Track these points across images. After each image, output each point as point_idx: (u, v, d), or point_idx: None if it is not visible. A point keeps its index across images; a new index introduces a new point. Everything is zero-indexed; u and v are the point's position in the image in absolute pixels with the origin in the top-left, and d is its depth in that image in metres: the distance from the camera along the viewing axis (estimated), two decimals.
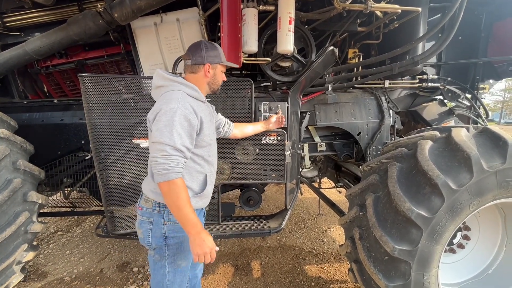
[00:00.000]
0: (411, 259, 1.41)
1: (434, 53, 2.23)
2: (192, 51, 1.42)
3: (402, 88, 2.62)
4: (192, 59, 1.41)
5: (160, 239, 1.35)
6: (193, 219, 1.22)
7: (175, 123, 1.21)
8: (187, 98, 1.31)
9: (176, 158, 1.21)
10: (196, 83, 1.42)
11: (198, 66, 1.42)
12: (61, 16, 2.34)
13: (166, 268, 1.38)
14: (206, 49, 1.42)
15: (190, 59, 1.41)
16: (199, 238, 1.21)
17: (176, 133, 1.21)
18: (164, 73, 1.38)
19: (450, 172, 1.40)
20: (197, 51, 1.41)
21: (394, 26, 2.26)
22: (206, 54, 1.41)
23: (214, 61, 1.45)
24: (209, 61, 1.43)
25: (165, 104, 1.25)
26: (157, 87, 1.39)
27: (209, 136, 1.43)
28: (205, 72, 1.44)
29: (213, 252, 1.24)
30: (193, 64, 1.42)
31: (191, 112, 1.28)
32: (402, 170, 1.56)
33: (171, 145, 1.20)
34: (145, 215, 1.38)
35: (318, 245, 3.16)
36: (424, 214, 1.38)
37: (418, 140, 1.62)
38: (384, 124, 2.41)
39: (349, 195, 1.88)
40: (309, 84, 2.22)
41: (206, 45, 1.44)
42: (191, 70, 1.43)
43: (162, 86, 1.37)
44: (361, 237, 1.64)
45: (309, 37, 2.16)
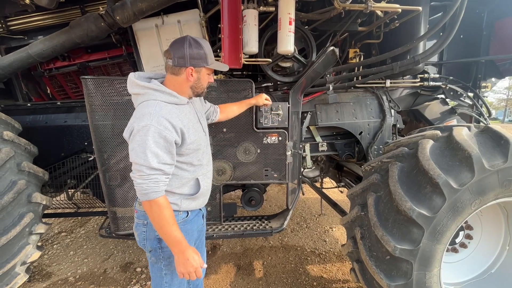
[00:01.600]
0: (412, 258, 1.42)
1: (435, 52, 2.22)
2: (174, 49, 1.24)
3: (403, 88, 2.61)
4: (174, 60, 1.24)
5: (155, 242, 1.33)
6: (176, 236, 1.19)
7: (148, 143, 1.14)
8: (162, 110, 1.19)
9: (155, 177, 1.17)
10: (176, 87, 1.30)
11: (180, 68, 1.26)
12: (64, 19, 2.37)
13: (163, 270, 1.37)
14: (190, 49, 1.24)
15: (171, 58, 1.24)
16: (182, 257, 1.19)
17: (150, 153, 1.15)
18: (137, 79, 1.26)
19: (451, 172, 1.40)
20: (179, 51, 1.23)
21: (394, 26, 2.26)
22: (190, 55, 1.23)
23: (198, 64, 1.28)
24: (192, 65, 1.26)
25: (137, 122, 1.17)
26: (133, 94, 1.29)
27: (195, 142, 1.33)
28: (187, 76, 1.28)
29: (199, 270, 1.21)
30: (174, 66, 1.25)
31: (166, 127, 1.18)
32: (403, 169, 1.56)
33: (146, 165, 1.15)
34: (140, 217, 1.36)
35: (320, 245, 3.16)
36: (425, 213, 1.38)
37: (419, 140, 1.62)
38: (386, 124, 2.41)
39: (351, 194, 1.88)
40: (310, 84, 2.23)
41: (191, 43, 1.24)
42: (171, 71, 1.28)
43: (137, 94, 1.27)
44: (363, 236, 1.64)
45: (309, 38, 2.17)
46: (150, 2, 1.96)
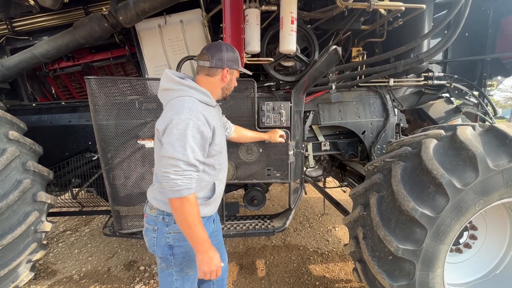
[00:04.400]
0: (415, 258, 1.40)
1: (440, 50, 2.19)
2: (211, 52, 1.32)
3: (407, 86, 2.58)
4: (211, 61, 1.31)
5: (165, 248, 1.32)
6: (203, 236, 1.18)
7: (188, 136, 1.15)
8: (198, 107, 1.23)
9: (190, 174, 1.16)
10: (209, 87, 1.35)
11: (216, 69, 1.33)
12: (68, 20, 2.40)
13: (173, 276, 1.34)
14: (227, 52, 1.34)
15: (209, 60, 1.31)
16: (207, 256, 1.19)
17: (189, 147, 1.15)
18: (173, 74, 1.29)
19: (455, 171, 1.38)
20: (217, 54, 1.32)
21: (398, 24, 2.24)
22: (227, 58, 1.33)
23: (233, 66, 1.37)
24: (228, 66, 1.35)
25: (177, 115, 1.16)
26: (165, 89, 1.30)
27: (219, 144, 1.36)
28: (222, 77, 1.36)
29: (219, 269, 1.23)
30: (211, 67, 1.32)
31: (204, 123, 1.21)
32: (406, 169, 1.55)
33: (184, 160, 1.14)
34: (150, 222, 1.35)
35: (323, 245, 3.15)
36: (429, 213, 1.37)
37: (423, 139, 1.61)
38: (389, 123, 2.39)
39: (353, 194, 1.87)
40: (313, 83, 2.22)
41: (227, 48, 1.35)
42: (207, 72, 1.34)
43: (170, 90, 1.28)
44: (365, 236, 1.64)
45: (312, 37, 2.16)
46: (153, 2, 1.97)
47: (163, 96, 1.32)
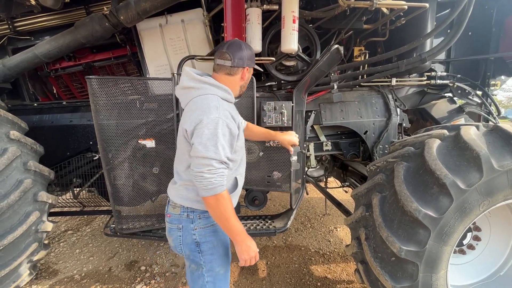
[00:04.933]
0: (418, 260, 1.39)
1: (443, 50, 2.17)
2: (232, 51, 1.32)
3: (409, 86, 2.57)
4: (233, 61, 1.32)
5: (192, 245, 1.33)
6: (239, 227, 1.23)
7: (218, 135, 1.17)
8: (224, 104, 1.26)
9: (222, 171, 1.18)
10: (229, 86, 1.35)
11: (238, 68, 1.34)
12: (69, 20, 2.40)
13: (204, 278, 1.34)
14: (247, 51, 1.35)
15: (231, 60, 1.31)
16: (245, 245, 1.24)
17: (220, 145, 1.17)
18: (194, 72, 1.30)
19: (459, 172, 1.36)
20: (238, 53, 1.32)
21: (400, 23, 2.22)
22: (247, 56, 1.35)
23: (251, 64, 1.40)
24: (248, 65, 1.37)
25: (205, 115, 1.18)
26: (186, 88, 1.31)
27: (242, 139, 1.41)
28: (242, 76, 1.38)
29: (257, 254, 1.29)
30: (233, 66, 1.32)
31: (231, 120, 1.24)
32: (409, 169, 1.54)
33: (217, 159, 1.16)
34: (173, 222, 1.35)
35: (324, 245, 3.14)
36: (432, 214, 1.35)
37: (426, 139, 1.59)
38: (391, 123, 2.37)
39: (355, 194, 1.86)
40: (314, 83, 2.20)
41: (246, 46, 1.38)
42: (228, 71, 1.34)
43: (191, 88, 1.29)
44: (367, 237, 1.62)
45: (313, 36, 2.14)
46: (154, 1, 1.97)
47: (183, 94, 1.33)
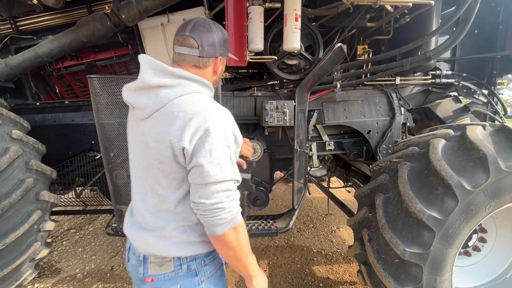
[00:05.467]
0: (422, 262, 1.36)
1: (448, 48, 2.14)
2: (199, 36, 0.95)
3: (414, 85, 2.53)
4: (202, 49, 0.96)
5: None
6: (254, 259, 1.01)
7: (231, 147, 0.91)
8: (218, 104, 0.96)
9: (236, 193, 0.93)
10: None
11: (208, 59, 0.99)
12: (71, 19, 2.39)
13: None
14: (219, 34, 1.00)
15: (198, 47, 0.95)
16: (262, 278, 1.02)
17: (233, 160, 0.92)
18: (165, 65, 0.92)
19: (464, 172, 1.34)
20: (207, 37, 0.97)
21: (405, 21, 2.19)
22: (219, 42, 1.00)
23: (225, 53, 1.05)
24: (221, 54, 1.03)
25: (210, 121, 0.86)
26: (154, 87, 0.90)
27: None
28: (215, 68, 1.03)
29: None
30: (202, 56, 0.97)
31: (235, 124, 0.97)
32: (413, 170, 1.51)
33: (234, 179, 0.91)
34: (164, 285, 0.96)
35: (327, 245, 3.11)
36: (437, 216, 1.32)
37: (431, 139, 1.56)
38: (395, 122, 2.34)
39: (358, 195, 1.83)
40: (317, 82, 2.18)
41: (217, 27, 1.01)
42: (195, 63, 0.97)
43: (164, 86, 0.90)
44: (370, 238, 1.60)
45: (316, 34, 2.12)
46: (155, 0, 1.95)
47: (149, 96, 0.91)
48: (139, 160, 0.99)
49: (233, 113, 2.14)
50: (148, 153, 0.93)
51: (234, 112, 2.11)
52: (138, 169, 1.01)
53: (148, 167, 0.95)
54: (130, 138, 1.05)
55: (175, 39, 0.99)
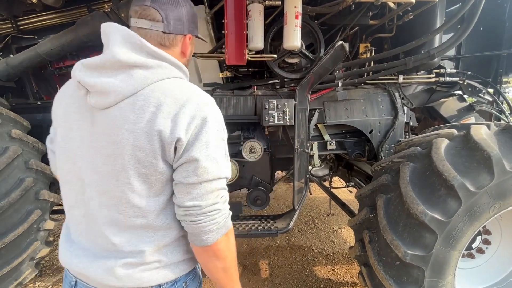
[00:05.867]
0: (424, 265, 1.33)
1: (452, 46, 2.10)
2: (163, 7, 0.78)
3: (417, 84, 2.49)
4: (167, 23, 0.79)
5: None
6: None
7: (225, 139, 0.81)
8: None
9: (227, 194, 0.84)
10: None
11: (176, 37, 0.83)
12: (72, 18, 2.39)
13: None
14: (187, 7, 0.84)
15: (163, 21, 0.78)
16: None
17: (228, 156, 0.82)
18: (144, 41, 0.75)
19: (468, 173, 1.30)
20: (174, 10, 0.80)
21: (408, 18, 2.14)
22: (188, 16, 0.84)
23: (195, 30, 0.90)
24: (191, 31, 0.87)
25: (206, 109, 0.75)
26: (126, 66, 0.72)
27: None
28: (184, 49, 0.87)
29: None
30: (168, 32, 0.80)
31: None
32: (415, 170, 1.48)
33: (228, 176, 0.80)
34: None
35: (328, 246, 3.09)
36: (439, 217, 1.29)
37: (433, 139, 1.53)
38: (398, 122, 2.30)
39: (359, 195, 1.81)
40: (318, 80, 2.15)
41: (186, 1, 0.86)
42: (160, 40, 0.80)
43: (142, 67, 0.73)
44: (371, 240, 1.57)
45: (317, 32, 2.09)
46: None
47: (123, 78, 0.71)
48: (91, 166, 0.75)
49: (233, 112, 2.15)
50: (115, 153, 0.72)
51: (234, 112, 2.10)
52: (88, 178, 0.76)
53: (114, 171, 0.73)
54: (67, 136, 0.79)
55: (131, 10, 0.80)
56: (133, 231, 0.77)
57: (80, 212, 0.80)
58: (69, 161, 0.80)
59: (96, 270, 0.77)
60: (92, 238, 0.80)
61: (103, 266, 0.76)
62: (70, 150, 0.79)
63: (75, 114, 0.78)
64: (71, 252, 0.82)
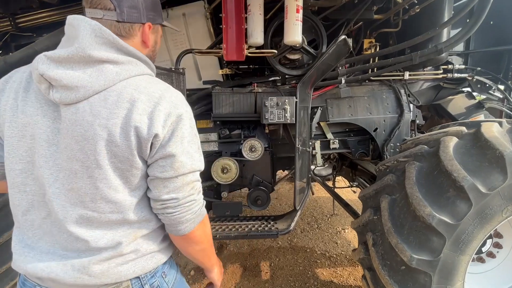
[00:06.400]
0: (431, 270, 1.26)
1: (461, 40, 2.01)
2: None
3: (424, 80, 2.40)
4: (120, 11, 0.74)
5: None
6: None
7: (197, 135, 0.84)
8: None
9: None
10: None
11: (132, 26, 0.79)
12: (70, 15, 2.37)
13: None
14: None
15: (115, 9, 0.74)
16: (220, 265, 1.06)
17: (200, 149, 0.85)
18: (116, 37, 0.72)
19: (479, 173, 1.23)
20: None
21: (414, 12, 2.06)
22: (145, 5, 0.80)
23: (156, 18, 0.85)
24: (150, 18, 0.82)
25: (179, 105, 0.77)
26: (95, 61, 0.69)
27: None
28: (144, 38, 0.83)
29: None
30: (122, 21, 0.76)
31: None
32: (422, 170, 1.40)
33: (201, 168, 0.83)
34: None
35: (331, 247, 3.02)
36: (448, 220, 1.22)
37: (441, 137, 1.45)
38: (404, 120, 2.22)
39: (363, 196, 1.74)
40: (321, 77, 2.08)
41: None
42: (115, 30, 0.76)
43: (109, 63, 0.71)
44: (375, 243, 1.50)
45: (319, 27, 2.02)
46: None
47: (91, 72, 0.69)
48: (54, 163, 0.72)
49: (232, 110, 2.09)
50: (86, 149, 0.70)
51: (234, 109, 2.05)
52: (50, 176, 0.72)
53: (85, 167, 0.71)
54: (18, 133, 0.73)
55: (84, 0, 0.76)
56: (108, 226, 0.77)
57: (39, 214, 0.76)
58: (22, 161, 0.74)
59: (66, 272, 0.74)
60: (57, 239, 0.76)
61: (75, 266, 0.74)
62: (24, 149, 0.73)
63: (32, 109, 0.72)
64: (31, 257, 0.76)
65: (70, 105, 0.70)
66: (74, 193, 0.73)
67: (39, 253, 0.76)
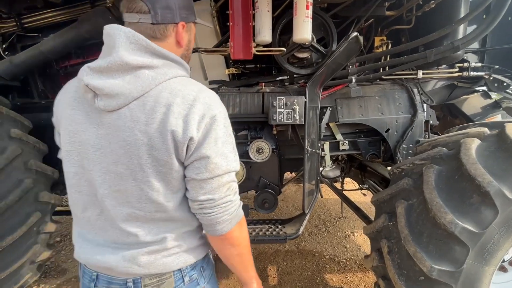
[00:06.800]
0: (453, 282, 1.18)
1: (478, 37, 1.92)
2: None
3: (438, 79, 2.31)
4: (154, 13, 0.76)
5: None
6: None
7: (232, 135, 0.84)
8: None
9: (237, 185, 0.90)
10: None
11: (166, 26, 0.79)
12: (75, 15, 2.32)
13: None
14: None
15: (149, 12, 0.76)
16: (260, 284, 1.00)
17: (236, 149, 0.86)
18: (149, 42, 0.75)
19: (506, 178, 1.14)
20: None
21: (429, 8, 1.98)
22: (178, 4, 0.80)
23: (190, 17, 0.85)
24: (184, 18, 0.82)
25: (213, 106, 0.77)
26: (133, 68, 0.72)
27: None
28: (178, 38, 0.83)
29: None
30: (156, 23, 0.77)
31: None
32: (442, 174, 1.32)
33: (237, 169, 0.84)
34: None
35: (340, 252, 2.93)
36: (471, 228, 1.14)
37: (461, 138, 1.37)
38: (417, 120, 2.13)
39: (376, 200, 1.66)
40: (330, 76, 2.01)
41: None
42: (150, 33, 0.78)
43: (145, 68, 0.73)
44: (391, 251, 1.42)
45: (329, 25, 1.95)
46: None
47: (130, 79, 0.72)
48: (101, 167, 0.77)
49: (239, 110, 2.03)
50: (129, 153, 0.74)
51: (241, 110, 2.00)
52: (99, 178, 0.78)
53: (130, 171, 0.76)
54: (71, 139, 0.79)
55: (121, 5, 0.79)
56: (154, 223, 0.82)
57: (94, 212, 0.83)
58: (75, 165, 0.81)
59: (119, 261, 0.81)
60: (109, 234, 0.83)
61: (126, 257, 0.81)
62: (75, 154, 0.81)
63: (81, 117, 0.79)
64: (89, 249, 0.85)
65: (113, 111, 0.74)
66: (121, 194, 0.78)
67: (96, 245, 0.85)
